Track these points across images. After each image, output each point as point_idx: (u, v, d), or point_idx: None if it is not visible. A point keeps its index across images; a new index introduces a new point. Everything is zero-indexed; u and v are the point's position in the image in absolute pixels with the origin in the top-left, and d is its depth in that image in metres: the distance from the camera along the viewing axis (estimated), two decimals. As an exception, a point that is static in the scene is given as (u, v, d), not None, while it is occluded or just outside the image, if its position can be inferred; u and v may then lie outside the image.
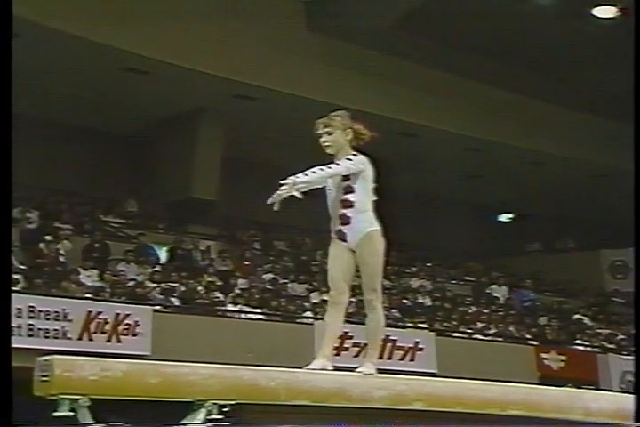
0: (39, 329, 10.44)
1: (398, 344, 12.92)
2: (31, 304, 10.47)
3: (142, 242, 14.39)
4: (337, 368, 4.16)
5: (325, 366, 4.09)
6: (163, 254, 14.73)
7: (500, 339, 15.01)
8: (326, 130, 4.35)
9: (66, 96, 15.17)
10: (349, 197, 4.26)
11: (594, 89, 18.28)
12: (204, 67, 14.76)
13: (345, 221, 4.26)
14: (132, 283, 12.43)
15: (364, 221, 4.26)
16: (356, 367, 4.19)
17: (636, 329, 9.17)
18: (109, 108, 15.90)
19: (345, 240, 4.26)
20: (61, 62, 14.16)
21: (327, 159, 4.35)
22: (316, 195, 4.33)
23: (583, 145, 18.69)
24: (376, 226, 4.28)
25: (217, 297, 13.02)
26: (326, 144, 4.36)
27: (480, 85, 17.47)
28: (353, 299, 4.49)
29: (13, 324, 10.03)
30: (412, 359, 12.96)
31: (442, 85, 17.02)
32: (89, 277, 12.20)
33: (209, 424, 3.62)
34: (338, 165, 4.25)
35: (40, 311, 10.49)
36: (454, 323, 15.11)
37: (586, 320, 17.55)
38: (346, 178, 4.28)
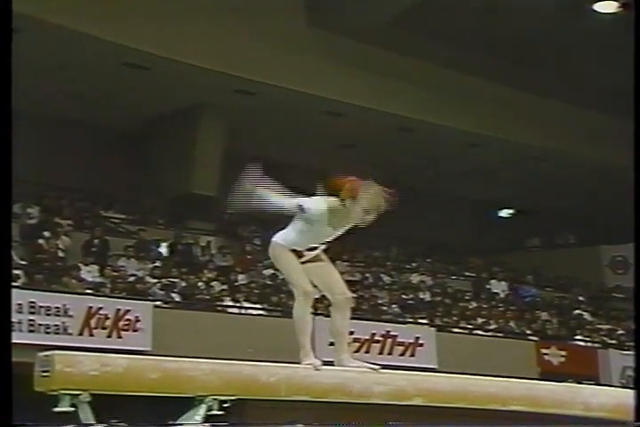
0: (40, 325, 10.44)
1: (399, 340, 12.93)
2: (32, 300, 10.47)
3: (142, 237, 14.39)
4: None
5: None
6: (163, 250, 14.71)
7: (501, 334, 15.02)
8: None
9: (66, 91, 15.15)
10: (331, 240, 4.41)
11: (595, 85, 18.25)
12: (204, 62, 14.73)
13: (313, 250, 4.40)
14: (132, 278, 12.43)
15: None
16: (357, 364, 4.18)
17: (635, 325, 9.16)
18: (109, 104, 15.88)
19: (301, 257, 4.39)
20: (61, 58, 14.13)
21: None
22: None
23: (584, 141, 18.66)
24: None
25: (218, 293, 13.02)
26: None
27: (480, 81, 17.43)
28: (354, 295, 4.49)
29: (14, 319, 10.04)
30: (412, 355, 12.97)
31: (442, 81, 16.99)
32: (89, 273, 12.20)
33: (210, 424, 3.62)
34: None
35: (41, 307, 10.50)
36: (455, 318, 15.10)
37: (586, 316, 17.56)
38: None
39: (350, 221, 4.30)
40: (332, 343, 4.31)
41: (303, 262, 4.37)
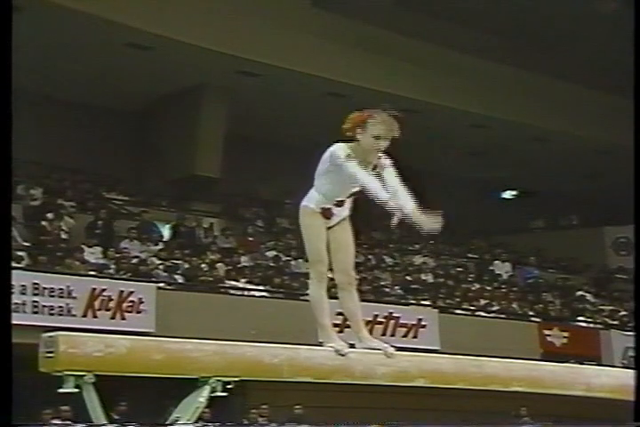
0: (44, 306, 10.48)
1: (401, 321, 12.97)
2: (35, 281, 10.51)
3: (145, 219, 14.40)
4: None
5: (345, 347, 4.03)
6: (166, 232, 14.74)
7: (503, 316, 15.06)
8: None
9: (68, 72, 15.09)
10: (357, 190, 4.22)
11: (599, 64, 18.15)
12: (208, 43, 14.67)
13: (341, 204, 4.25)
14: (135, 260, 12.45)
15: (348, 207, 4.30)
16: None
17: (635, 307, 9.17)
18: (112, 84, 15.82)
19: (329, 218, 4.23)
20: (63, 37, 14.06)
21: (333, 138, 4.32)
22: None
23: (587, 121, 18.59)
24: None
25: (221, 275, 13.05)
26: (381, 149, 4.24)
27: (484, 62, 17.36)
28: (357, 276, 4.45)
29: (18, 300, 10.08)
30: (415, 336, 13.01)
31: (446, 62, 16.92)
32: (93, 255, 12.23)
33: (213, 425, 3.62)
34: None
35: (44, 288, 10.53)
36: (457, 300, 15.14)
37: (589, 297, 17.59)
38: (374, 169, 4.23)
39: (368, 157, 4.19)
40: (347, 326, 4.26)
41: (330, 227, 4.22)
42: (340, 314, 4.32)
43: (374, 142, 4.20)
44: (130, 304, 11.01)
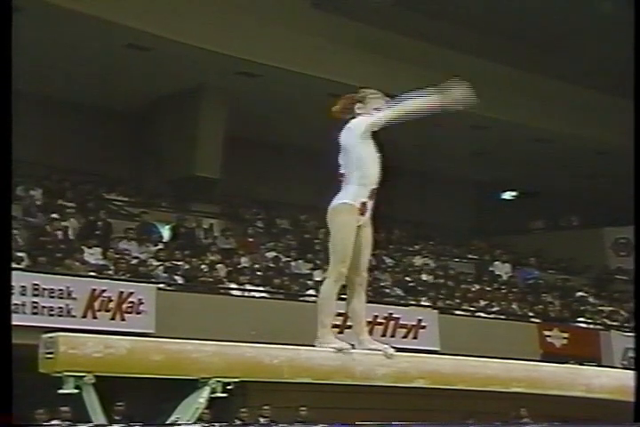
0: (43, 307, 10.48)
1: (401, 322, 12.97)
2: (35, 282, 10.50)
3: (145, 220, 14.40)
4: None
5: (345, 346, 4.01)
6: (165, 233, 14.73)
7: (503, 316, 15.06)
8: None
9: (68, 72, 15.08)
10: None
11: (600, 65, 18.15)
12: (207, 43, 14.66)
13: (374, 197, 4.25)
14: (135, 261, 12.45)
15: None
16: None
17: (635, 307, 9.19)
18: (111, 85, 15.80)
19: (364, 215, 4.22)
20: (63, 38, 14.05)
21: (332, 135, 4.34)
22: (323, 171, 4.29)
23: (587, 121, 18.58)
24: None
25: (221, 276, 13.04)
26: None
27: (484, 62, 17.34)
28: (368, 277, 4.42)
29: (18, 301, 10.08)
30: (414, 337, 13.01)
31: (445, 62, 16.89)
32: (92, 256, 12.23)
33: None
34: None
35: (44, 289, 10.53)
36: (457, 301, 15.14)
37: (589, 298, 17.59)
38: None
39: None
40: (347, 327, 4.26)
41: (359, 226, 4.22)
42: (340, 315, 4.31)
43: (380, 96, 4.27)
44: (130, 305, 11.00)
